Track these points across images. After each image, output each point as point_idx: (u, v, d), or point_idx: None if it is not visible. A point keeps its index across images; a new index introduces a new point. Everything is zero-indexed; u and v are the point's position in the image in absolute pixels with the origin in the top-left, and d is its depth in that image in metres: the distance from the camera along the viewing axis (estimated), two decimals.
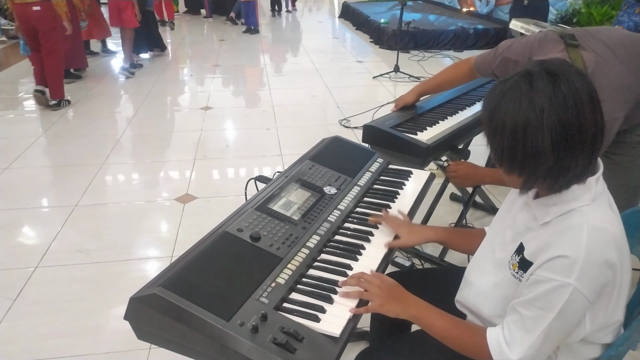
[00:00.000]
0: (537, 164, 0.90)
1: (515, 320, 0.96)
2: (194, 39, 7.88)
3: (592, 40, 1.52)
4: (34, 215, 2.89)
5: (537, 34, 1.64)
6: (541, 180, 0.93)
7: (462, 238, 1.38)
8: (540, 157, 0.89)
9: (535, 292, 0.92)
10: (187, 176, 3.36)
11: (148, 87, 5.37)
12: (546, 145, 0.87)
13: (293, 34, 8.84)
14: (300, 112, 4.67)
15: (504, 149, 0.93)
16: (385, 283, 1.12)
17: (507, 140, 0.91)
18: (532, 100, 0.87)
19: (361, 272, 1.15)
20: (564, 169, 0.89)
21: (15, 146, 3.80)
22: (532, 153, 0.89)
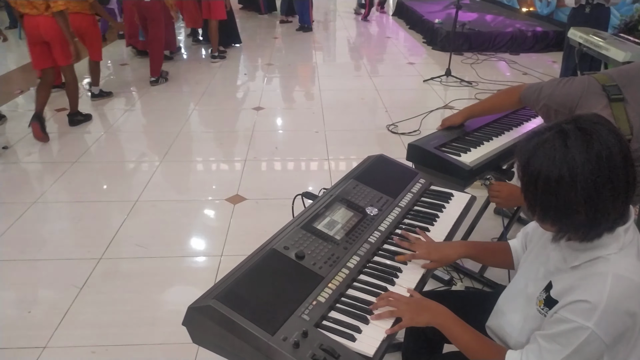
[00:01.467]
0: (569, 217, 0.96)
1: (534, 349, 1.03)
2: (249, 36, 8.08)
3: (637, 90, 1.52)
4: (100, 208, 3.14)
5: (579, 83, 1.62)
6: (573, 231, 0.98)
7: (490, 254, 1.46)
8: (572, 211, 0.94)
9: (556, 329, 0.98)
10: (238, 177, 3.52)
11: (205, 84, 5.60)
12: (578, 200, 0.92)
13: (346, 31, 8.88)
14: (349, 115, 4.75)
15: (537, 200, 0.99)
16: (413, 298, 1.23)
17: (540, 193, 0.97)
18: (565, 157, 0.93)
19: (389, 292, 1.25)
20: (595, 223, 0.94)
21: (83, 142, 4.11)
22: (565, 207, 0.94)
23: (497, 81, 5.68)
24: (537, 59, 6.73)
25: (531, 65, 6.36)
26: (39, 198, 3.18)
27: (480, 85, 5.53)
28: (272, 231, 2.83)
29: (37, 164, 3.71)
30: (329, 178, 3.51)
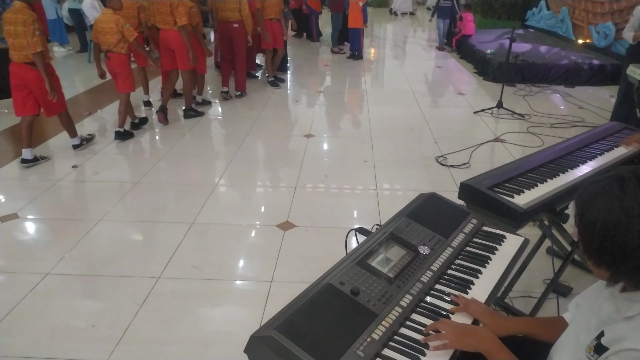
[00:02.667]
0: (625, 262, 0.99)
1: None
2: (300, 63, 8.34)
3: None
4: (159, 228, 3.32)
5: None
6: (628, 277, 1.00)
7: (546, 329, 1.43)
8: (628, 256, 0.97)
9: None
10: (288, 203, 3.63)
11: (258, 110, 5.82)
12: (634, 246, 0.96)
13: (396, 60, 8.99)
14: (397, 145, 4.80)
15: (593, 245, 1.02)
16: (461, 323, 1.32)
17: (597, 238, 1.01)
18: (622, 204, 0.97)
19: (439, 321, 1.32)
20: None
21: (145, 163, 4.37)
22: (621, 252, 0.98)
23: (551, 114, 5.58)
24: (594, 93, 6.57)
25: (587, 99, 6.21)
26: (104, 216, 3.40)
27: (534, 118, 5.46)
28: (320, 259, 2.92)
29: (103, 183, 3.97)
30: (377, 209, 3.56)
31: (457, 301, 1.42)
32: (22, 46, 3.90)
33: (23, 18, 3.81)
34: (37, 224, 3.37)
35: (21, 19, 3.82)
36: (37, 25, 3.88)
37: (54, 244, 3.07)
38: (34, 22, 3.85)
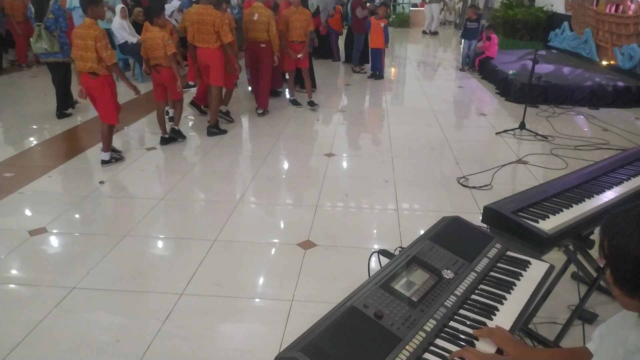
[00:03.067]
0: None
1: None
2: (322, 82, 8.42)
3: None
4: (182, 244, 3.38)
5: None
6: None
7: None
8: None
9: None
10: (309, 222, 3.65)
11: (280, 128, 5.90)
12: None
13: (417, 80, 9.03)
14: (418, 165, 4.80)
15: (627, 276, 1.02)
16: (485, 353, 1.32)
17: (629, 268, 1.00)
18: None
19: (464, 349, 1.33)
20: None
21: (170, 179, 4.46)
22: None
23: (575, 136, 5.53)
24: (618, 115, 6.48)
25: (612, 121, 6.13)
26: (129, 232, 3.47)
27: (557, 140, 5.41)
28: (341, 279, 2.92)
29: (129, 199, 4.06)
30: (397, 229, 3.56)
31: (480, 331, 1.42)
32: (89, 58, 4.30)
33: (94, 34, 4.23)
34: (64, 238, 3.46)
35: (92, 34, 4.23)
36: (108, 39, 4.38)
37: (81, 259, 3.14)
38: (104, 36, 4.30)
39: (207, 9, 5.20)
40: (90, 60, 4.31)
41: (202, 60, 5.51)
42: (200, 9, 5.25)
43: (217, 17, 5.17)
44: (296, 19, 6.33)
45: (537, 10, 11.18)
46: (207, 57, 5.42)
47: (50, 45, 5.80)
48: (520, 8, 11.43)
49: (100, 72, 4.38)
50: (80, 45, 4.30)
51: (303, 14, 6.39)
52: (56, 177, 4.46)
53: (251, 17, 5.98)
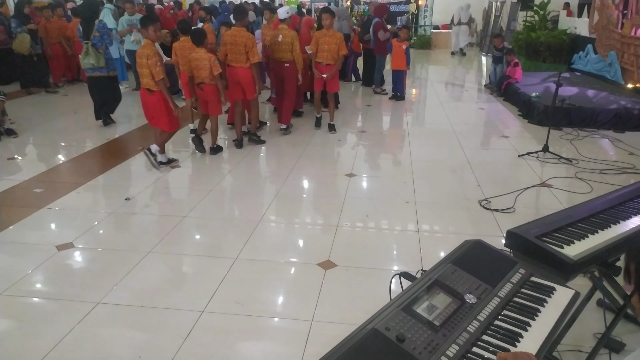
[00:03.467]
0: None
1: None
2: (343, 103, 8.50)
3: None
4: (205, 262, 3.42)
5: None
6: None
7: None
8: None
9: None
10: (330, 242, 3.66)
11: (302, 148, 5.96)
12: None
13: (438, 102, 9.03)
14: (439, 187, 4.78)
15: None
16: None
17: None
18: None
19: None
20: None
21: (193, 197, 4.54)
22: None
23: (600, 160, 5.44)
24: None
25: (638, 145, 6.03)
26: (153, 248, 3.53)
27: (581, 163, 5.33)
28: (361, 300, 2.92)
29: (153, 216, 4.14)
30: (418, 251, 3.54)
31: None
32: (145, 75, 4.76)
33: (147, 52, 4.65)
34: (90, 253, 3.54)
35: (146, 53, 4.65)
36: (159, 57, 4.76)
37: (106, 274, 3.21)
38: (155, 54, 4.70)
39: (240, 31, 5.62)
40: (145, 77, 4.77)
41: (234, 78, 5.77)
42: (234, 30, 5.66)
43: (248, 39, 5.55)
44: (326, 41, 6.35)
45: (560, 33, 11.13)
46: (240, 75, 5.73)
47: (97, 60, 6.34)
48: (543, 31, 11.40)
49: (154, 88, 4.81)
50: (139, 64, 4.78)
51: (334, 37, 6.36)
52: (84, 194, 4.57)
53: (276, 39, 6.20)
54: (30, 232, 3.83)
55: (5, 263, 3.39)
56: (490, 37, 15.88)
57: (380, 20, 9.17)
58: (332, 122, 6.82)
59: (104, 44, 6.43)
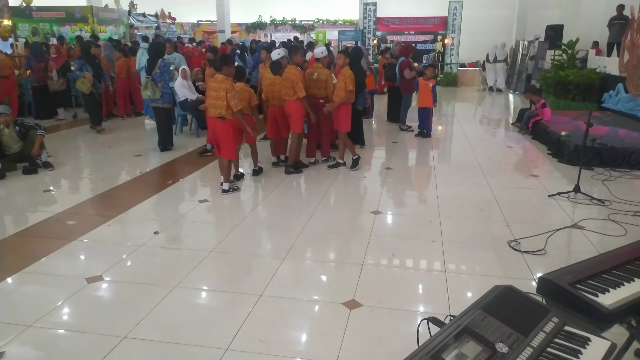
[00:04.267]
0: None
1: None
2: (369, 140, 8.56)
3: None
4: (230, 298, 3.42)
5: None
6: None
7: None
8: None
9: None
10: (355, 281, 3.63)
11: (327, 184, 5.99)
12: None
13: (465, 139, 9.00)
14: (467, 226, 4.71)
15: None
16: None
17: None
18: None
19: None
20: None
21: (220, 231, 4.58)
22: None
23: (633, 201, 5.29)
24: None
25: None
26: (179, 283, 3.57)
27: (614, 204, 5.19)
28: (387, 342, 2.87)
29: (180, 250, 4.19)
30: (445, 292, 3.47)
31: None
32: (219, 106, 5.30)
33: (226, 87, 5.24)
34: (118, 286, 3.59)
35: (224, 87, 5.24)
36: (235, 92, 5.37)
37: (132, 308, 3.24)
38: (232, 89, 5.33)
39: (291, 68, 6.17)
40: (220, 107, 5.31)
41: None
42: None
43: (295, 76, 6.05)
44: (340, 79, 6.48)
45: (589, 72, 11.05)
46: (288, 108, 6.31)
47: (153, 93, 7.13)
48: (572, 69, 11.34)
49: (227, 117, 5.36)
50: (212, 96, 5.35)
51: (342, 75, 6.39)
52: (114, 226, 4.68)
53: (311, 76, 6.55)
54: (62, 264, 3.92)
55: (37, 294, 3.47)
56: (518, 76, 15.93)
57: (406, 59, 9.30)
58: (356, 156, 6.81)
59: (163, 79, 7.16)
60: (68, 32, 14.27)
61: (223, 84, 5.28)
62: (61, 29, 14.84)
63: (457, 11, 17.66)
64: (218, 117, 5.37)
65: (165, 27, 19.92)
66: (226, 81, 5.31)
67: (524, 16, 18.58)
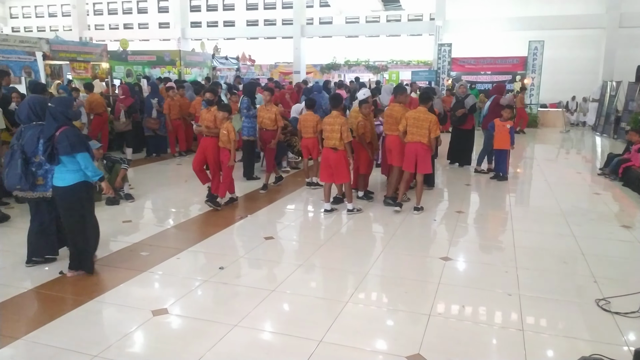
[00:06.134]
0: None
1: None
2: (441, 180, 8.28)
3: None
4: (288, 342, 3.33)
5: None
6: None
7: None
8: None
9: None
10: (421, 333, 3.40)
11: (395, 226, 5.80)
12: None
13: (546, 184, 8.44)
14: (547, 280, 4.32)
15: None
16: None
17: None
18: None
19: None
20: None
21: (283, 270, 4.55)
22: None
23: None
24: None
25: None
26: (240, 321, 3.53)
27: None
28: None
29: (243, 287, 4.18)
30: (522, 353, 3.15)
31: None
32: (334, 138, 6.05)
33: (341, 121, 6.06)
34: (181, 321, 3.63)
35: (339, 122, 6.05)
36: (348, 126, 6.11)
37: (192, 345, 3.24)
38: (345, 123, 6.09)
39: (395, 106, 6.65)
40: (334, 139, 6.05)
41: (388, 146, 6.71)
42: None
43: (399, 112, 6.41)
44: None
45: None
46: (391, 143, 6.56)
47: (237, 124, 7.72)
48: None
49: (339, 147, 6.05)
50: (328, 129, 6.13)
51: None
52: (183, 259, 4.80)
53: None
54: (131, 294, 4.04)
55: (106, 324, 3.58)
56: (606, 118, 14.96)
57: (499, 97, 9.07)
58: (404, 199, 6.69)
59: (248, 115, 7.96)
60: (157, 74, 15.41)
61: (338, 119, 6.07)
62: (152, 71, 16.10)
63: (537, 51, 17.08)
64: (332, 147, 6.10)
65: (245, 69, 21.00)
66: (340, 117, 6.12)
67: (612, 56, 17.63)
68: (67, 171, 4.11)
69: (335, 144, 6.08)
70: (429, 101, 6.35)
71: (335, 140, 6.06)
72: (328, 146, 6.15)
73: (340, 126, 6.01)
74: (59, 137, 4.00)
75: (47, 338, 3.33)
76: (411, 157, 6.25)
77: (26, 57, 10.94)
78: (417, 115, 6.14)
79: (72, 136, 4.04)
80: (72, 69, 13.42)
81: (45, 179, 4.38)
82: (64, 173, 4.12)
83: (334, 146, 6.09)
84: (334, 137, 6.05)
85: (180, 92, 10.60)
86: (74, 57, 12.65)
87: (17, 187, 4.35)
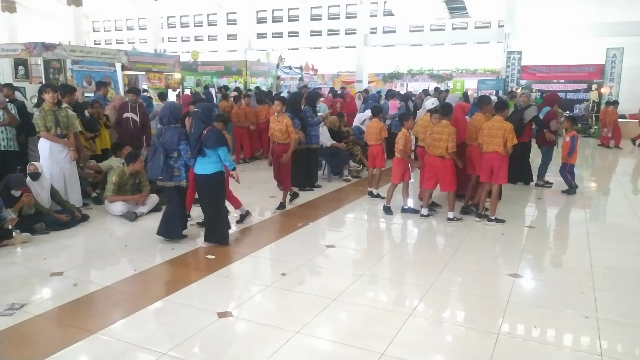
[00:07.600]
0: None
1: None
2: (508, 193, 7.94)
3: None
4: (349, 353, 3.29)
5: None
6: None
7: None
8: None
9: None
10: (489, 352, 3.25)
11: (460, 238, 5.61)
12: None
13: (625, 198, 7.84)
14: (631, 304, 4.00)
15: None
16: None
17: None
18: None
19: None
20: None
21: (343, 279, 4.52)
22: None
23: None
24: None
25: None
26: (301, 329, 3.53)
27: None
28: None
29: (304, 295, 4.19)
30: None
31: None
32: (440, 147, 6.06)
33: (448, 131, 6.01)
34: (245, 325, 3.69)
35: (447, 131, 6.01)
36: (455, 135, 6.06)
37: (254, 350, 3.28)
38: (454, 133, 6.05)
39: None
40: (440, 148, 6.06)
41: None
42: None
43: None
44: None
45: None
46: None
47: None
48: None
49: (445, 156, 6.08)
50: (436, 138, 6.11)
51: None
52: (247, 264, 4.89)
53: None
54: (197, 296, 4.17)
55: (173, 323, 3.71)
56: None
57: (552, 109, 8.56)
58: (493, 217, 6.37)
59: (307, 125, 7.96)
60: (224, 83, 15.99)
61: (446, 129, 6.02)
62: (219, 80, 16.74)
63: (616, 58, 16.06)
64: (439, 156, 6.12)
65: (308, 78, 21.33)
66: (449, 127, 6.04)
67: None
68: (208, 162, 5.09)
69: (442, 153, 6.09)
70: (504, 109, 6.20)
71: (442, 150, 6.07)
72: (435, 154, 6.16)
73: (448, 135, 5.99)
74: (207, 134, 4.99)
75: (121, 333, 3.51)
76: (487, 167, 6.13)
77: (107, 68, 11.73)
78: (492, 124, 6.07)
79: (216, 133, 5.06)
80: (147, 79, 14.22)
81: (180, 171, 5.30)
82: (206, 164, 5.10)
83: (441, 155, 6.10)
84: (441, 145, 6.05)
85: (246, 100, 10.92)
86: (149, 68, 13.41)
87: (159, 178, 5.26)
